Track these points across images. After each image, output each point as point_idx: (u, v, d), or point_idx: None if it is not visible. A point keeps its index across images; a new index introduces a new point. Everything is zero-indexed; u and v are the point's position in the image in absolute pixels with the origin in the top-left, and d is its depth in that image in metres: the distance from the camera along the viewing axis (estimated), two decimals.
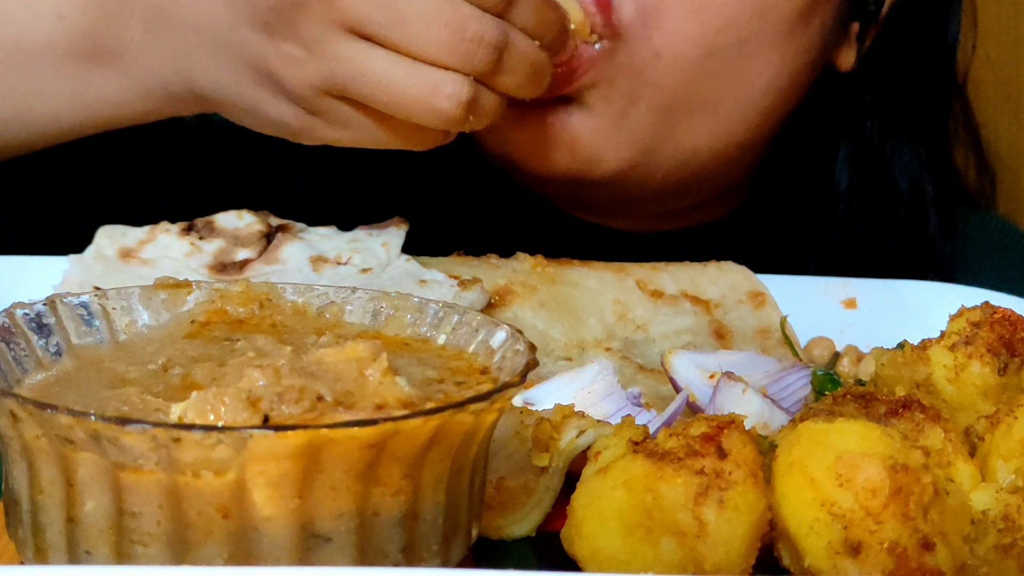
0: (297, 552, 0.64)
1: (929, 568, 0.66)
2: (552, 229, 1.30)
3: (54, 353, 0.75)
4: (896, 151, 1.31)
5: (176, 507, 0.64)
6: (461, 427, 0.67)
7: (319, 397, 0.64)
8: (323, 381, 0.65)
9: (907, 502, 0.66)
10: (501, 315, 0.98)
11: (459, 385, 0.73)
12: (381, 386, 0.66)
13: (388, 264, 1.02)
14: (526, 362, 0.72)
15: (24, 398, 0.65)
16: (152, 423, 0.62)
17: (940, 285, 1.10)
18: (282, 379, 0.65)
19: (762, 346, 1.01)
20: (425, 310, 0.79)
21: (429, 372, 0.74)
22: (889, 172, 1.31)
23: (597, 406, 0.85)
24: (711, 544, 0.67)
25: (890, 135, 1.30)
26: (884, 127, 1.30)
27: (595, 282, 1.04)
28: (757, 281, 1.07)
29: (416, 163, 1.34)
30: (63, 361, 0.75)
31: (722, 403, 0.85)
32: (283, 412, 0.64)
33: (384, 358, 0.67)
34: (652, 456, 0.68)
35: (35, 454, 0.66)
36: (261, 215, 1.06)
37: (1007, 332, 0.80)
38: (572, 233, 1.30)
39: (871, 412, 0.75)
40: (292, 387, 0.64)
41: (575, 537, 0.69)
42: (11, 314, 0.74)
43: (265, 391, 0.64)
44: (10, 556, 0.72)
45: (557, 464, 0.78)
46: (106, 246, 1.02)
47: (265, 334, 0.77)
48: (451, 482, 0.68)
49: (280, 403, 0.64)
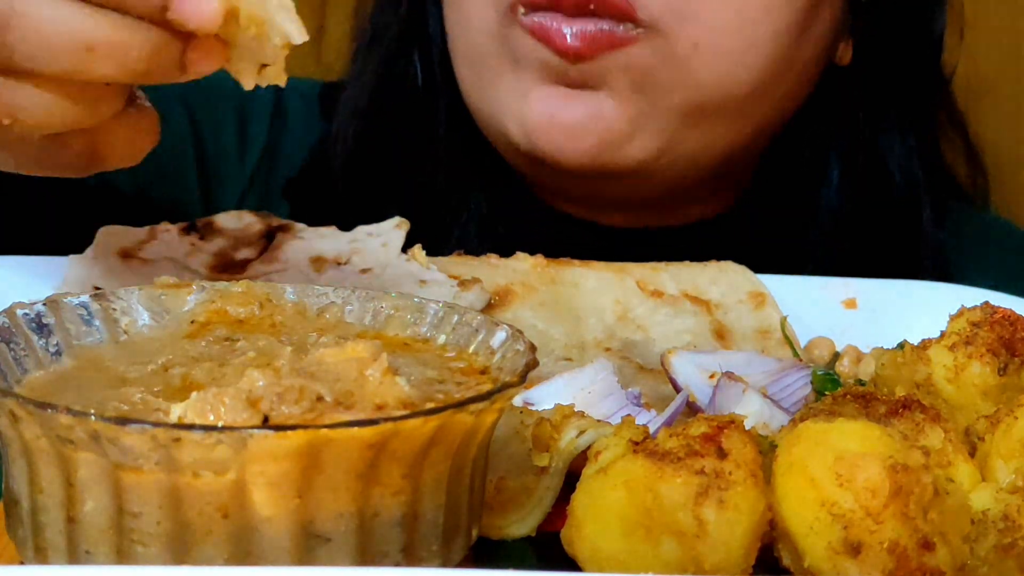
0: (297, 552, 0.64)
1: (929, 568, 0.66)
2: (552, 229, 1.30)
3: (54, 353, 0.75)
4: (887, 142, 1.31)
5: (176, 507, 0.64)
6: (461, 427, 0.67)
7: (319, 397, 0.64)
8: (323, 381, 0.65)
9: (907, 502, 0.66)
10: (501, 315, 0.98)
11: (459, 385, 0.73)
12: (381, 386, 0.66)
13: (388, 264, 1.02)
14: (526, 362, 0.72)
15: (24, 398, 0.65)
16: (152, 423, 0.62)
17: (940, 285, 1.10)
18: (282, 379, 0.65)
19: (762, 346, 1.01)
20: (425, 310, 0.79)
21: (429, 372, 0.74)
22: (881, 162, 1.31)
23: (597, 406, 0.85)
24: (711, 544, 0.67)
25: (881, 126, 1.31)
26: (875, 118, 1.31)
27: (595, 282, 1.04)
28: (757, 281, 1.07)
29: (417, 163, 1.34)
30: (63, 361, 0.75)
31: (722, 403, 0.85)
32: (283, 412, 0.64)
33: (384, 358, 0.67)
34: (652, 456, 0.68)
35: (35, 454, 0.66)
36: (261, 215, 1.06)
37: (1007, 332, 0.80)
38: (572, 233, 1.30)
39: (871, 412, 0.75)
40: (292, 387, 0.64)
41: (575, 537, 0.69)
42: (11, 314, 0.74)
43: (265, 391, 0.64)
44: (10, 556, 0.72)
45: (557, 464, 0.78)
46: (106, 246, 1.02)
47: (265, 334, 0.77)
48: (451, 482, 0.68)
49: (280, 403, 0.64)
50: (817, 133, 1.31)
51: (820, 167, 1.32)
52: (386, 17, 1.36)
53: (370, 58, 1.36)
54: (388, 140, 1.35)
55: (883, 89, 1.31)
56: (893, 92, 1.32)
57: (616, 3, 1.12)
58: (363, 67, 1.37)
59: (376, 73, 1.35)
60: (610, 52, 1.13)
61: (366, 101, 1.35)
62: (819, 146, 1.32)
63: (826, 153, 1.32)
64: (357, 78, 1.37)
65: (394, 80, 1.34)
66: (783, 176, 1.33)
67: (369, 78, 1.35)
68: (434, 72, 1.32)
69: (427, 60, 1.33)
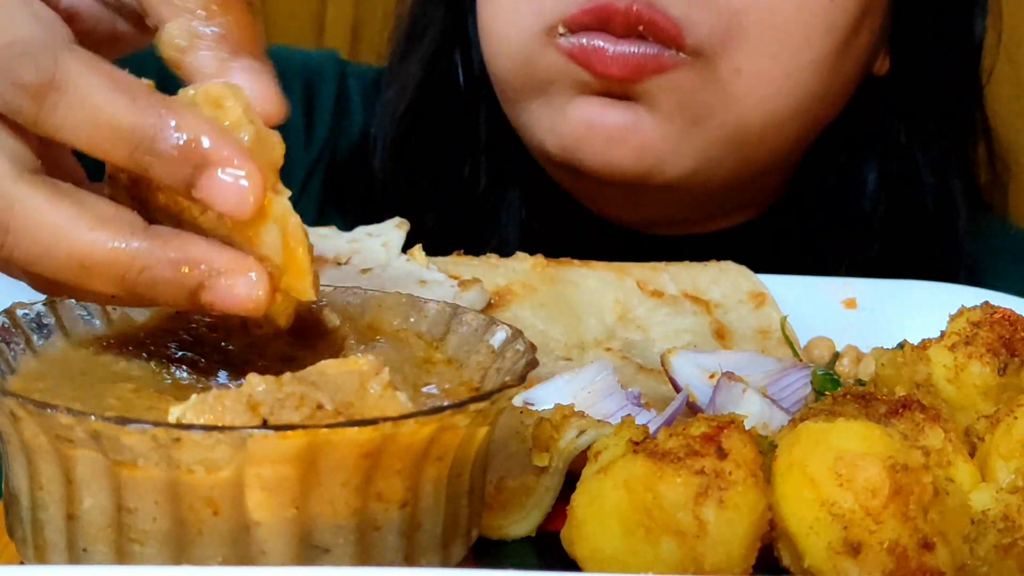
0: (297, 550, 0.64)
1: (929, 568, 0.66)
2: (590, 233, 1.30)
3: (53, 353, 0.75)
4: (923, 150, 1.31)
5: (175, 507, 0.64)
6: (461, 428, 0.67)
7: (319, 405, 0.64)
8: (324, 390, 0.65)
9: (907, 502, 0.66)
10: (501, 315, 0.98)
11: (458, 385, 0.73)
12: (381, 400, 0.66)
13: (388, 264, 1.02)
14: (526, 362, 0.72)
15: (24, 398, 0.65)
16: (152, 423, 0.62)
17: (940, 285, 1.10)
18: (283, 387, 0.65)
19: (762, 346, 1.01)
20: (425, 309, 0.79)
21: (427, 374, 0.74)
22: (917, 171, 1.31)
23: (597, 406, 0.85)
24: (711, 544, 0.67)
25: (917, 135, 1.30)
26: (911, 127, 1.30)
27: (595, 282, 1.04)
28: (757, 281, 1.07)
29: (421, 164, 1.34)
30: (62, 360, 0.75)
31: (722, 403, 0.85)
32: (283, 418, 0.64)
33: (386, 372, 0.67)
34: (652, 456, 0.68)
35: (34, 452, 0.66)
36: None
37: (1007, 332, 0.80)
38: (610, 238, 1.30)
39: (871, 412, 0.75)
40: (293, 394, 0.64)
41: (575, 537, 0.69)
42: (11, 314, 0.74)
43: (265, 396, 0.64)
44: (10, 556, 0.72)
45: (557, 464, 0.78)
46: None
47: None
48: (451, 482, 0.68)
49: (280, 409, 0.64)
50: (853, 142, 1.31)
51: (855, 176, 1.31)
52: (427, 16, 1.34)
53: (410, 57, 1.35)
54: (428, 141, 1.34)
55: (920, 98, 1.30)
56: (930, 100, 1.31)
57: (666, 28, 1.11)
58: (403, 66, 1.35)
59: (417, 74, 1.34)
60: (653, 76, 1.13)
61: (406, 104, 1.33)
62: (854, 155, 1.31)
63: (861, 162, 1.31)
64: (396, 77, 1.36)
65: (435, 82, 1.33)
66: (817, 185, 1.32)
67: (409, 79, 1.34)
68: (474, 74, 1.31)
69: (468, 62, 1.32)
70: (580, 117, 1.16)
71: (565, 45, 1.14)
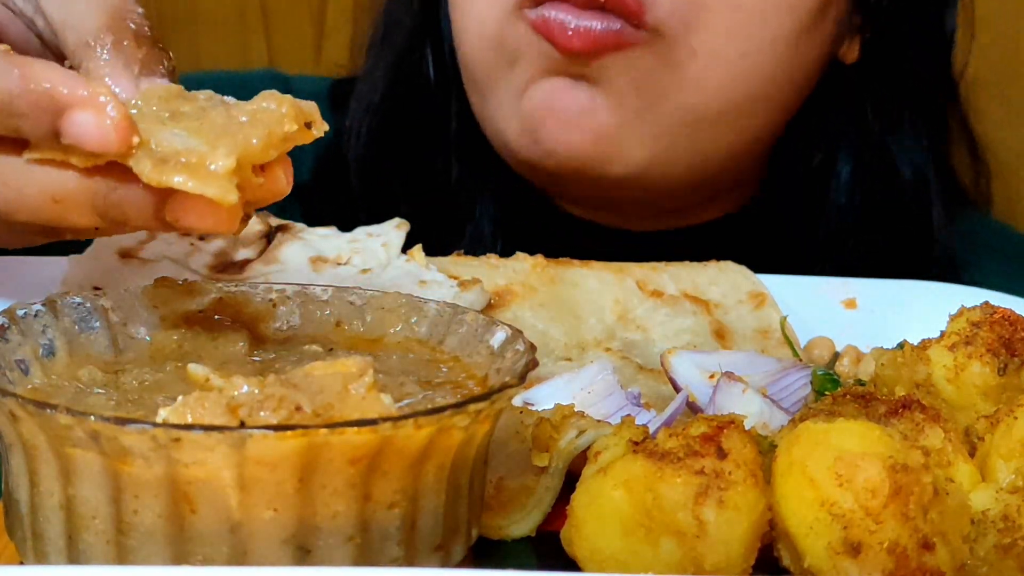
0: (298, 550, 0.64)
1: (929, 568, 0.66)
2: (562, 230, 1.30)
3: (53, 353, 0.75)
4: (897, 140, 1.31)
5: (174, 507, 0.64)
6: (460, 428, 0.67)
7: (298, 407, 0.64)
8: (305, 392, 0.65)
9: (907, 502, 0.66)
10: (501, 315, 0.98)
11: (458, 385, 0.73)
12: (364, 401, 0.66)
13: (388, 264, 1.02)
14: (526, 362, 0.72)
15: (24, 398, 0.65)
16: (152, 423, 0.62)
17: (940, 285, 1.10)
18: (266, 388, 0.65)
19: (762, 346, 1.01)
20: (425, 310, 0.79)
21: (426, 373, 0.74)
22: (891, 161, 1.31)
23: (597, 406, 0.85)
24: (711, 544, 0.67)
25: (891, 126, 1.31)
26: (885, 118, 1.31)
27: (595, 282, 1.04)
28: (757, 281, 1.07)
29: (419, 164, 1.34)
30: (62, 360, 0.75)
31: (722, 403, 0.85)
32: (260, 420, 0.64)
33: (371, 374, 0.67)
34: (652, 456, 0.68)
35: (34, 452, 0.66)
36: (261, 215, 1.06)
37: (1007, 332, 0.80)
38: (582, 235, 1.30)
39: (871, 412, 0.75)
40: (272, 396, 0.64)
41: (575, 537, 0.69)
42: (11, 314, 0.74)
43: (245, 398, 0.64)
44: (10, 556, 0.72)
45: (557, 464, 0.78)
46: (106, 246, 1.02)
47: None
48: (451, 482, 0.68)
49: (258, 410, 0.64)
50: (826, 132, 1.31)
51: (829, 166, 1.32)
52: (399, 13, 1.36)
53: (383, 54, 1.36)
54: (401, 136, 1.35)
55: (892, 87, 1.31)
56: (902, 90, 1.31)
57: (627, 1, 1.12)
58: (376, 63, 1.37)
59: (388, 69, 1.35)
60: (611, 53, 1.14)
61: (379, 97, 1.35)
62: (828, 145, 1.31)
63: (835, 151, 1.31)
64: (370, 73, 1.37)
65: (406, 77, 1.35)
66: (793, 176, 1.33)
67: (381, 74, 1.36)
68: (446, 69, 1.32)
69: (439, 57, 1.33)
70: (540, 99, 1.17)
71: (531, 16, 1.15)
